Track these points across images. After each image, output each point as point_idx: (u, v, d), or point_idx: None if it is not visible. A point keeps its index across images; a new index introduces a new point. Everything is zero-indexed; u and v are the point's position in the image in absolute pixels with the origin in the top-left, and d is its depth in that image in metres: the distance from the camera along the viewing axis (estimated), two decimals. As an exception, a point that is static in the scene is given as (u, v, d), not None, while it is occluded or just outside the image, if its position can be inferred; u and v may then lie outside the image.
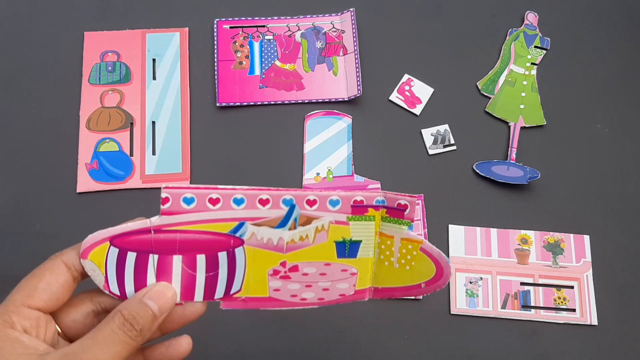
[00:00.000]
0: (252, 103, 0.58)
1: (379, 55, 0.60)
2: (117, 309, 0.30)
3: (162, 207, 0.32)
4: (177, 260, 0.33)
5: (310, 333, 0.51)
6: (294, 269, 0.35)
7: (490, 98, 0.59)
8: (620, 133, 0.59)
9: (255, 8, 0.62)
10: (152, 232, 0.32)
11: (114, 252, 0.32)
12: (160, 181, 0.55)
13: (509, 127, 0.58)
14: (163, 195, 0.32)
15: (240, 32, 0.61)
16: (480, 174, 0.56)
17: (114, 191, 0.55)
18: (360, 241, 0.35)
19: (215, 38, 0.60)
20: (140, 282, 0.32)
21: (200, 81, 0.59)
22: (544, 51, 0.61)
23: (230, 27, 0.61)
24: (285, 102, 0.58)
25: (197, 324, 0.51)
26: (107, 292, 0.32)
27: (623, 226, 0.55)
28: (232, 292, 0.34)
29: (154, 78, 0.59)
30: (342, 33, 0.61)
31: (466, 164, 0.57)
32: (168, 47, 0.60)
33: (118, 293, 0.32)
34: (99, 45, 0.60)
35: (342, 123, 0.58)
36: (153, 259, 0.32)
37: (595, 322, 0.52)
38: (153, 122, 0.57)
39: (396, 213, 0.35)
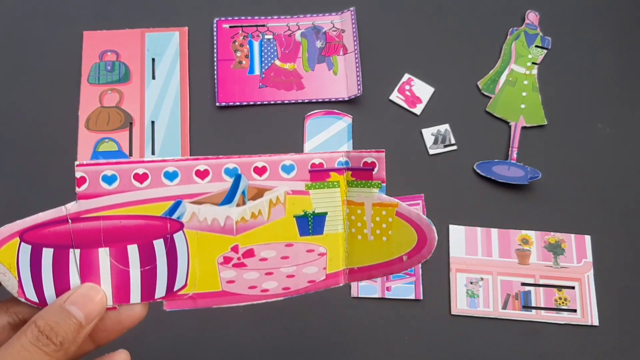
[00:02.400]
0: (251, 103, 0.58)
1: (379, 55, 0.60)
2: (32, 319, 0.25)
3: (77, 189, 0.27)
4: (103, 254, 0.27)
5: (311, 333, 0.51)
6: (249, 253, 0.29)
7: (491, 98, 0.59)
8: (622, 133, 0.58)
9: (255, 7, 0.62)
10: (70, 221, 0.27)
11: (26, 249, 0.27)
12: (160, 181, 0.55)
13: (510, 126, 0.58)
14: (77, 175, 0.27)
15: (240, 32, 0.61)
16: (481, 174, 0.56)
17: (113, 191, 0.55)
18: (326, 213, 0.30)
19: (215, 37, 0.60)
20: (61, 284, 0.27)
21: (200, 81, 0.59)
22: (545, 50, 0.61)
23: (230, 27, 0.61)
24: (285, 101, 0.58)
25: (189, 321, 0.51)
26: (22, 299, 0.27)
27: (624, 226, 0.55)
28: (176, 288, 0.29)
29: (154, 78, 0.59)
30: (342, 32, 0.60)
31: (467, 163, 0.57)
32: (167, 46, 0.60)
33: (36, 300, 0.27)
34: (98, 44, 0.59)
35: (342, 123, 0.58)
36: (74, 255, 0.27)
37: (596, 322, 0.52)
38: (152, 122, 0.57)
39: (363, 174, 0.30)
